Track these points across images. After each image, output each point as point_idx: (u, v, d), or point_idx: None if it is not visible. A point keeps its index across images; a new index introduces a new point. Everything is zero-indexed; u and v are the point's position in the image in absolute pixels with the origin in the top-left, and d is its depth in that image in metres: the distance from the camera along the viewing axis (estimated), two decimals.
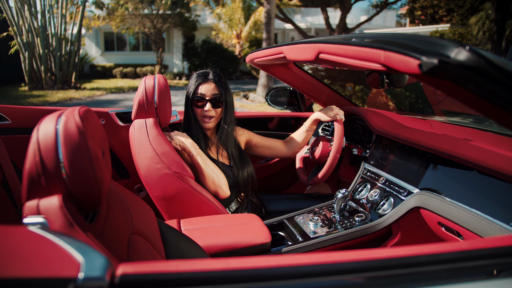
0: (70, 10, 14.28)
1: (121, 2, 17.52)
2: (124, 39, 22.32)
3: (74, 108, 0.93)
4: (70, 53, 14.44)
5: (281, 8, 16.95)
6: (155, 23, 18.97)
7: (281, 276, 0.64)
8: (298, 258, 0.67)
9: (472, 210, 1.36)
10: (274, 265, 0.64)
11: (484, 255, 0.76)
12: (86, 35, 20.90)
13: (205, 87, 1.89)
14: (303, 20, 24.44)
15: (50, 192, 0.86)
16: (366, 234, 1.67)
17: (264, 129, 2.77)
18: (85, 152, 0.86)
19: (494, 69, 0.79)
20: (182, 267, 0.62)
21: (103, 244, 0.86)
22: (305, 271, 0.66)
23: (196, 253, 1.39)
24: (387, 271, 0.69)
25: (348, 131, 2.34)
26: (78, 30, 14.48)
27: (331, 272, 0.66)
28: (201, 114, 1.91)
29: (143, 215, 1.28)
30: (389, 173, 1.83)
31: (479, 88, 0.81)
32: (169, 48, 22.07)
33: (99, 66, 20.21)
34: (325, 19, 14.16)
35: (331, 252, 0.78)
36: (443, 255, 0.71)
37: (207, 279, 0.61)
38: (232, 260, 0.64)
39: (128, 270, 0.61)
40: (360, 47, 1.07)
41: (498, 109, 0.83)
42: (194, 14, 20.47)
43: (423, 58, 0.82)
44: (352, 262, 0.68)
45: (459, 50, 0.80)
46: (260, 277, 0.63)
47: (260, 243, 1.52)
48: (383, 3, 14.27)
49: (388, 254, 0.70)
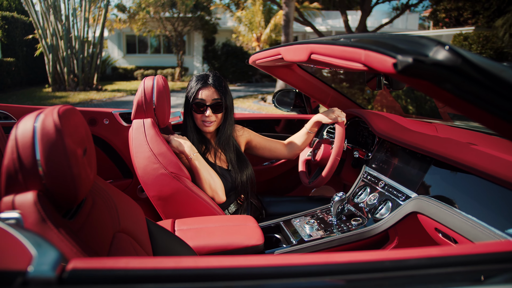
0: (93, 14, 14.63)
1: (142, 5, 17.84)
2: (146, 41, 22.69)
3: (55, 107, 0.94)
4: (92, 55, 14.79)
5: (301, 11, 16.92)
6: (176, 26, 19.22)
7: (235, 276, 0.63)
8: (253, 259, 0.66)
9: (468, 216, 1.31)
10: (227, 265, 0.63)
11: (464, 261, 0.73)
12: (108, 38, 21.37)
13: (205, 92, 1.86)
14: (324, 23, 24.31)
15: (27, 188, 0.88)
16: (361, 238, 1.63)
17: (266, 131, 2.76)
18: (62, 150, 0.87)
19: (472, 68, 0.76)
20: (131, 264, 0.62)
21: (76, 240, 0.87)
22: (263, 272, 0.65)
23: (185, 253, 1.39)
24: (353, 275, 0.68)
25: (352, 134, 2.31)
26: (101, 33, 14.84)
27: (300, 274, 0.65)
28: (201, 119, 1.89)
29: (131, 214, 1.29)
30: (388, 176, 1.79)
31: (456, 88, 0.78)
32: (189, 51, 22.32)
33: (121, 68, 20.59)
34: (344, 22, 14.05)
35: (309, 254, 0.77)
36: (410, 261, 0.69)
37: (155, 277, 0.61)
38: (184, 259, 0.63)
39: (78, 265, 0.61)
40: (344, 46, 1.05)
41: (477, 109, 0.80)
42: (215, 17, 20.65)
43: (398, 57, 0.80)
44: (312, 265, 0.66)
45: (437, 49, 0.78)
46: (211, 277, 0.62)
47: (252, 245, 1.51)
48: (403, 6, 14.05)
49: (350, 259, 0.68)
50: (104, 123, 2.29)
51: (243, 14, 19.38)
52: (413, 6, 14.51)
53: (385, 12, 26.43)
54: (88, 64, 14.67)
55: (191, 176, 1.82)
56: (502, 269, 0.72)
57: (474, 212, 1.32)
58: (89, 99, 12.36)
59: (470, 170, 1.39)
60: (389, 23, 14.74)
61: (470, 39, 14.21)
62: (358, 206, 1.84)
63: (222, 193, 1.85)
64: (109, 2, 15.00)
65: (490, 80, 0.76)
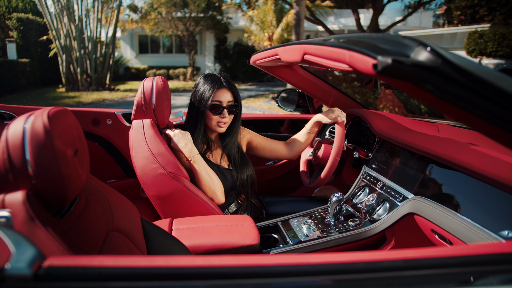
0: (105, 14, 14.82)
1: (154, 6, 17.99)
2: (158, 41, 22.87)
3: (46, 109, 0.97)
4: (104, 55, 14.98)
5: (313, 10, 16.84)
6: (188, 26, 19.33)
7: (200, 275, 0.64)
8: (223, 259, 0.67)
9: (463, 217, 1.30)
10: (199, 264, 0.65)
11: (441, 264, 0.73)
12: (121, 38, 21.61)
13: (221, 94, 1.87)
14: (336, 21, 24.17)
15: (18, 188, 0.90)
16: (358, 239, 1.63)
17: (268, 131, 2.77)
18: (50, 151, 0.89)
19: (452, 69, 0.76)
20: (106, 262, 0.63)
21: (64, 239, 0.89)
22: (232, 272, 0.66)
23: (180, 252, 1.40)
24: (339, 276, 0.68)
25: (354, 134, 2.30)
26: (113, 33, 15.02)
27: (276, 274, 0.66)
28: (216, 120, 1.89)
29: (126, 213, 1.31)
30: (387, 177, 1.78)
31: (437, 88, 0.78)
32: (201, 51, 22.42)
33: (133, 68, 20.79)
34: (356, 20, 13.95)
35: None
36: (384, 263, 0.69)
37: (127, 275, 0.62)
38: (158, 258, 0.65)
39: (54, 263, 0.63)
40: (332, 47, 1.06)
41: (459, 109, 0.80)
42: (226, 17, 20.70)
43: (378, 58, 0.80)
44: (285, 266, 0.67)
45: (418, 50, 0.78)
46: (182, 276, 0.63)
47: (247, 244, 1.52)
48: (416, 4, 13.88)
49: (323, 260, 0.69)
50: (107, 123, 2.33)
51: (255, 13, 19.37)
52: (426, 4, 14.29)
53: (399, 10, 26.05)
54: (100, 65, 14.86)
55: (191, 176, 1.84)
56: (479, 272, 0.71)
57: (470, 213, 1.31)
58: (102, 99, 12.52)
59: (466, 171, 1.38)
60: (401, 21, 14.57)
61: (486, 37, 13.97)
62: (356, 206, 1.83)
63: (221, 194, 1.86)
64: (121, 2, 15.17)
65: (470, 81, 0.76)
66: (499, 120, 0.77)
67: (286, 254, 0.65)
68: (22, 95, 13.41)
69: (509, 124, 0.77)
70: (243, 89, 17.09)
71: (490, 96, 0.76)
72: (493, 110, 0.76)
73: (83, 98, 12.40)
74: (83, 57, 14.29)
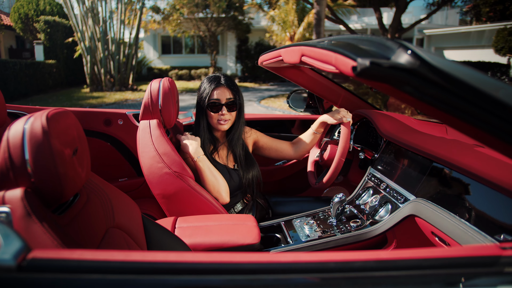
0: (128, 16, 15.13)
1: (177, 7, 18.24)
2: (180, 42, 23.16)
3: (46, 110, 1.02)
4: (127, 56, 15.30)
5: (335, 9, 16.71)
6: (210, 26, 19.50)
7: (178, 270, 0.67)
8: (198, 256, 0.69)
9: (461, 220, 1.29)
10: (172, 260, 0.67)
11: (414, 265, 0.74)
12: (144, 39, 21.99)
13: (219, 92, 1.92)
14: (359, 20, 23.90)
15: (18, 185, 0.95)
16: (358, 240, 1.63)
17: (275, 132, 2.79)
18: (48, 150, 0.94)
19: (430, 71, 0.76)
20: (85, 255, 0.67)
21: (59, 234, 0.93)
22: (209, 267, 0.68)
23: (179, 250, 1.44)
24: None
25: (362, 135, 2.29)
26: (136, 34, 15.32)
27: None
28: (217, 118, 1.95)
29: (127, 211, 1.36)
30: (391, 178, 1.77)
31: (416, 90, 0.78)
32: (223, 51, 22.58)
33: (156, 69, 21.12)
34: (378, 19, 13.77)
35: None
36: (356, 264, 0.70)
37: (106, 268, 0.66)
38: (133, 254, 0.68)
39: (37, 255, 0.67)
40: (322, 49, 1.07)
41: (440, 112, 0.80)
42: (248, 17, 20.78)
43: (358, 60, 0.81)
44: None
45: (398, 52, 0.79)
46: (157, 270, 0.66)
47: (247, 243, 1.55)
48: (440, 1, 13.58)
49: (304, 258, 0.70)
50: (119, 123, 2.40)
51: (276, 13, 19.37)
52: (450, 1, 13.96)
53: (424, 8, 25.53)
54: (123, 65, 15.19)
55: (196, 176, 1.88)
56: (445, 275, 0.72)
57: (469, 216, 1.29)
58: (124, 99, 12.77)
59: (467, 174, 1.36)
60: (424, 20, 14.30)
61: None
62: (359, 207, 1.83)
63: (226, 194, 1.90)
64: (144, 4, 15.45)
65: (449, 83, 0.76)
66: (479, 122, 0.77)
67: (257, 252, 0.66)
68: (48, 95, 13.83)
69: (488, 125, 0.77)
70: (264, 89, 17.10)
71: (469, 97, 0.76)
72: (472, 111, 0.76)
73: (107, 98, 12.69)
74: (106, 58, 14.64)
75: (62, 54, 16.37)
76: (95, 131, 2.38)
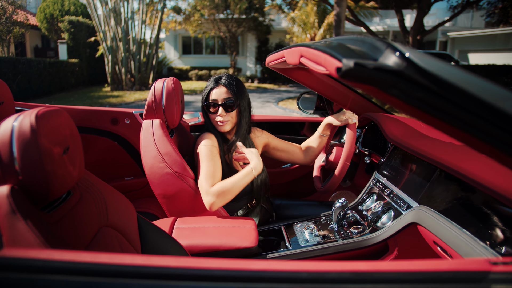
0: (150, 16, 15.35)
1: (197, 7, 18.39)
2: (201, 42, 23.34)
3: (37, 108, 1.02)
4: (148, 56, 15.51)
5: (357, 11, 16.53)
6: (230, 27, 19.58)
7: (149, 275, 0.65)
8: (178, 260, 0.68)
9: (463, 230, 1.23)
10: (139, 263, 0.66)
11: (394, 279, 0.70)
12: (165, 39, 22.26)
13: (216, 92, 1.87)
14: (381, 22, 23.60)
15: (6, 182, 0.96)
16: (358, 247, 1.58)
17: (284, 134, 2.75)
18: (35, 148, 0.94)
19: (418, 73, 0.72)
20: (53, 256, 0.66)
21: (42, 232, 0.93)
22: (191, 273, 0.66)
23: (174, 251, 1.43)
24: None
25: (371, 138, 2.24)
26: (157, 34, 15.53)
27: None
28: (215, 119, 1.90)
29: (121, 210, 1.35)
30: (395, 184, 1.72)
31: (403, 93, 0.75)
32: (243, 52, 22.64)
33: (176, 69, 21.32)
34: (399, 21, 13.55)
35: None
36: (331, 274, 0.67)
37: (72, 270, 0.65)
38: (101, 255, 0.67)
39: (5, 254, 0.66)
40: (315, 50, 1.04)
41: (428, 116, 0.76)
42: (268, 19, 20.78)
43: (343, 61, 0.77)
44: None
45: (386, 53, 0.76)
46: (123, 274, 0.65)
47: (244, 246, 1.52)
48: (464, 3, 13.27)
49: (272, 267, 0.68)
50: (125, 122, 2.41)
51: (297, 14, 19.30)
52: (474, 4, 13.61)
53: (448, 11, 25.01)
54: (144, 65, 15.41)
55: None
56: None
57: (471, 226, 1.24)
58: (144, 99, 12.92)
59: (472, 183, 1.30)
60: (447, 22, 13.99)
61: None
62: (362, 213, 1.78)
63: (223, 203, 1.75)
64: (165, 5, 15.64)
65: (437, 85, 0.72)
66: (468, 126, 0.73)
67: (228, 259, 0.64)
68: (70, 93, 14.13)
69: (479, 131, 0.73)
70: (283, 91, 17.05)
71: (459, 101, 0.71)
72: (462, 116, 0.72)
73: (126, 97, 12.88)
74: (127, 58, 14.87)
75: (85, 54, 16.72)
76: (102, 130, 2.40)
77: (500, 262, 0.73)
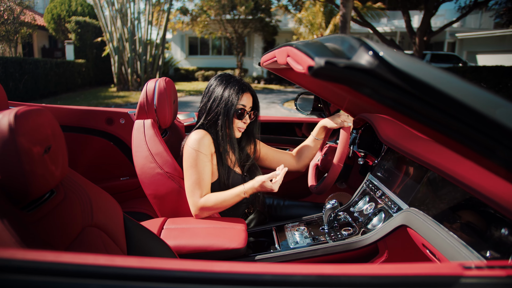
0: (156, 17, 15.42)
1: (204, 8, 18.44)
2: (207, 43, 23.40)
3: (17, 108, 1.02)
4: (154, 57, 15.56)
5: (364, 12, 16.45)
6: (237, 28, 19.60)
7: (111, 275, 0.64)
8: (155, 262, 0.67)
9: (450, 233, 1.21)
10: (102, 264, 0.65)
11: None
12: (172, 40, 22.34)
13: (247, 99, 1.81)
14: (389, 23, 23.47)
15: None
16: (348, 250, 1.56)
17: (279, 135, 2.74)
18: (13, 148, 0.94)
19: (390, 72, 0.71)
20: (16, 255, 0.66)
21: (18, 231, 0.93)
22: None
23: (161, 252, 1.42)
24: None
25: (367, 139, 2.21)
26: (163, 35, 15.59)
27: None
28: (238, 125, 1.81)
29: (107, 210, 1.35)
30: (387, 186, 1.70)
31: (376, 93, 0.73)
32: (249, 52, 22.65)
33: (183, 69, 21.39)
34: (406, 22, 13.46)
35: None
36: (295, 277, 0.66)
37: (33, 270, 0.64)
38: (65, 255, 0.66)
39: None
40: (295, 49, 1.03)
41: (403, 117, 0.75)
42: (275, 19, 20.77)
43: (315, 59, 0.76)
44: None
45: (360, 51, 0.74)
46: (85, 274, 0.64)
47: (232, 248, 1.51)
48: (471, 4, 13.14)
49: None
50: (120, 122, 2.41)
51: (304, 15, 19.26)
52: (482, 5, 13.47)
53: (456, 12, 24.79)
54: (150, 65, 15.47)
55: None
56: None
57: (459, 230, 1.21)
58: None
59: (461, 185, 1.28)
60: (454, 23, 13.86)
61: None
62: (353, 215, 1.76)
63: (209, 215, 1.76)
64: (171, 5, 15.70)
65: (410, 85, 0.70)
66: (441, 126, 0.71)
67: (197, 260, 0.63)
68: (76, 93, 14.22)
69: (451, 131, 0.71)
70: (289, 91, 17.03)
71: (432, 100, 0.70)
72: (435, 115, 0.70)
73: (132, 98, 12.94)
74: (133, 58, 14.94)
75: (91, 54, 16.83)
76: (97, 129, 2.41)
77: (473, 266, 0.71)
